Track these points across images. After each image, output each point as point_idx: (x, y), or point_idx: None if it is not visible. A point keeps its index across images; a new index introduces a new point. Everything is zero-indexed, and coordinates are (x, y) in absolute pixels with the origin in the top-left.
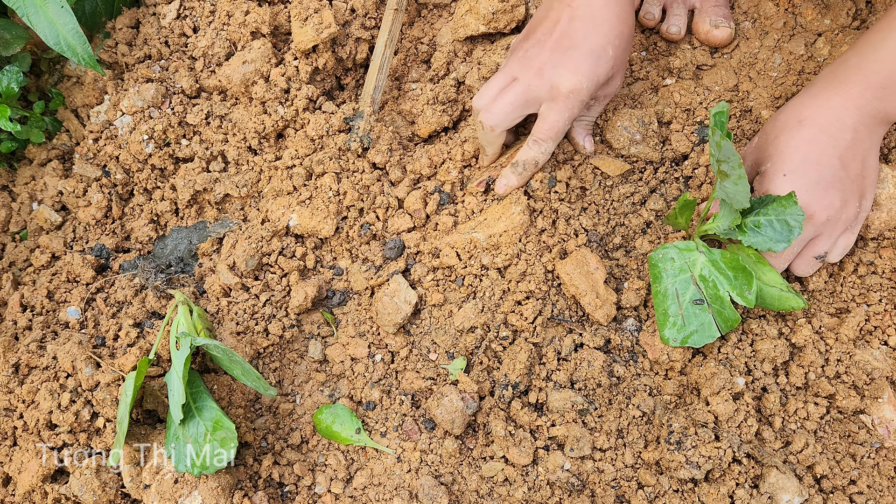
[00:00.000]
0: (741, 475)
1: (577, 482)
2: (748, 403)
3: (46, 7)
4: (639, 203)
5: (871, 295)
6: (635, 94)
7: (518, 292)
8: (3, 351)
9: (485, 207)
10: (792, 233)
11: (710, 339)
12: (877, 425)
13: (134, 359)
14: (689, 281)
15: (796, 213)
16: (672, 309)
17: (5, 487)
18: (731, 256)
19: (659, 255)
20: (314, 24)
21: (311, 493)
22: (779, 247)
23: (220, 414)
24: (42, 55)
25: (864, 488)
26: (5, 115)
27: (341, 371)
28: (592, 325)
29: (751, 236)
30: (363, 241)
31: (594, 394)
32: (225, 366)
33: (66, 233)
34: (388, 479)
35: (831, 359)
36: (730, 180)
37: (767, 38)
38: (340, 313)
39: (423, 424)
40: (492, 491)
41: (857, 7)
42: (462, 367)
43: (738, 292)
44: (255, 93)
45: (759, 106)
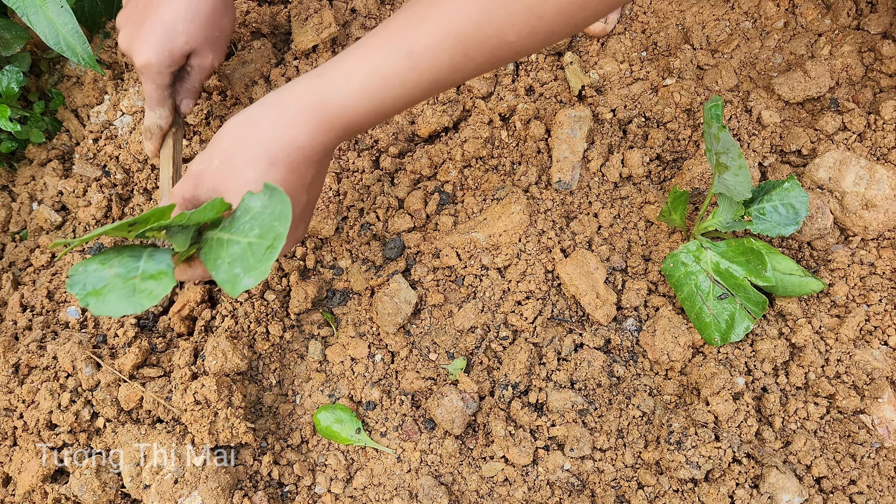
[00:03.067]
0: (741, 475)
1: (577, 482)
2: (748, 403)
3: (46, 7)
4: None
5: (871, 295)
6: (635, 94)
7: (518, 292)
8: (3, 351)
9: (485, 207)
10: (798, 215)
11: (749, 329)
12: (877, 425)
13: (134, 358)
14: (707, 279)
15: (800, 195)
16: (703, 310)
17: (5, 487)
18: (738, 243)
19: (670, 265)
20: (314, 24)
21: (311, 493)
22: (788, 230)
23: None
24: (42, 55)
25: (864, 488)
26: (5, 115)
27: (341, 371)
28: (592, 325)
29: (758, 224)
30: (363, 241)
31: (594, 394)
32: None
33: (66, 233)
34: (388, 479)
35: (831, 359)
36: (730, 172)
37: (768, 38)
38: (340, 313)
39: (423, 424)
40: (492, 491)
41: (858, 7)
42: (462, 367)
43: (755, 276)
44: (255, 93)
45: (760, 106)
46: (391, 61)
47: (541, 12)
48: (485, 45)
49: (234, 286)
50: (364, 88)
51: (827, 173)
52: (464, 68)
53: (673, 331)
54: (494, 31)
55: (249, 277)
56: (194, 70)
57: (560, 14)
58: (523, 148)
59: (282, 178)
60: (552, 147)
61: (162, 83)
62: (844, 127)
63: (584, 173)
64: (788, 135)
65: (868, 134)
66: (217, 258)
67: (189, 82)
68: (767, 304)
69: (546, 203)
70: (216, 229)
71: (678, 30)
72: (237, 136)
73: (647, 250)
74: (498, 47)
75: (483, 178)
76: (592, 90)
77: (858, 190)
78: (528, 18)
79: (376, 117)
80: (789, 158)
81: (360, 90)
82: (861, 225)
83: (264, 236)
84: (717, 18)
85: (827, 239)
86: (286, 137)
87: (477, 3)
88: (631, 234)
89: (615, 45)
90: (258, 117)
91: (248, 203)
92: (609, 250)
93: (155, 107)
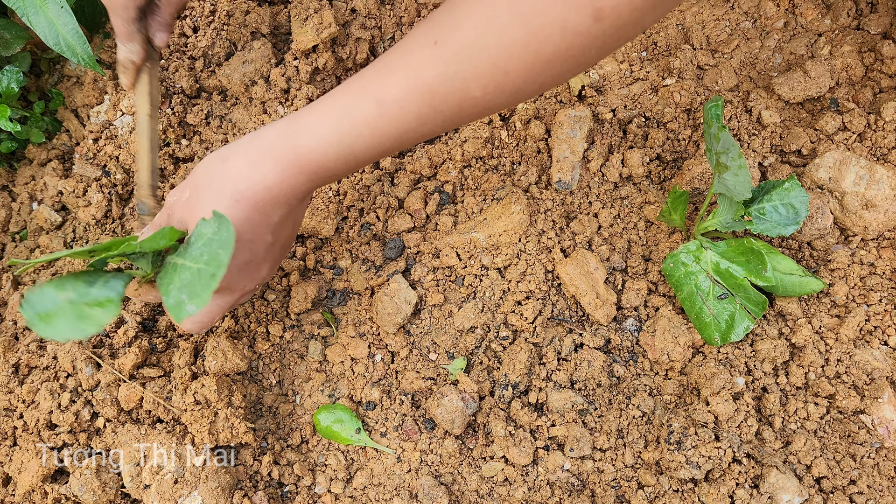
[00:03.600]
0: (741, 475)
1: (577, 482)
2: (748, 403)
3: (46, 7)
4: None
5: (871, 295)
6: (635, 94)
7: (518, 292)
8: (3, 351)
9: (485, 207)
10: (798, 215)
11: (748, 329)
12: (877, 425)
13: (134, 358)
14: (706, 279)
15: (800, 195)
16: (703, 310)
17: (5, 487)
18: (738, 243)
19: (670, 265)
20: (314, 24)
21: (311, 493)
22: (788, 230)
23: None
24: (42, 55)
25: (864, 488)
26: (5, 115)
27: (341, 371)
28: (592, 325)
29: (758, 224)
30: (363, 241)
31: (594, 394)
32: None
33: (66, 233)
34: (388, 479)
35: (831, 359)
36: (730, 172)
37: (768, 38)
38: (340, 313)
39: (423, 424)
40: (492, 491)
41: (858, 7)
42: (462, 367)
43: (755, 276)
44: (255, 93)
45: (760, 106)
46: (362, 108)
47: (506, 69)
48: (451, 99)
49: (179, 312)
50: (334, 133)
51: (827, 173)
52: (432, 121)
53: (673, 331)
54: (460, 85)
55: (192, 304)
56: (163, 3)
57: (526, 72)
58: (523, 148)
59: (245, 215)
60: (552, 147)
61: (128, 17)
62: (844, 127)
63: (584, 173)
64: (788, 135)
65: (868, 134)
66: (170, 283)
67: (160, 15)
68: (767, 304)
69: (546, 203)
70: (174, 254)
71: (678, 30)
72: (208, 171)
73: (647, 250)
74: (464, 101)
75: (483, 178)
76: (592, 90)
77: (858, 190)
78: (493, 74)
79: (346, 164)
80: (789, 158)
81: (329, 134)
82: (861, 225)
83: (210, 263)
84: (717, 18)
85: (827, 239)
86: (254, 176)
87: (444, 57)
88: (631, 234)
89: None
90: (230, 154)
91: (201, 229)
92: (609, 250)
93: (125, 42)
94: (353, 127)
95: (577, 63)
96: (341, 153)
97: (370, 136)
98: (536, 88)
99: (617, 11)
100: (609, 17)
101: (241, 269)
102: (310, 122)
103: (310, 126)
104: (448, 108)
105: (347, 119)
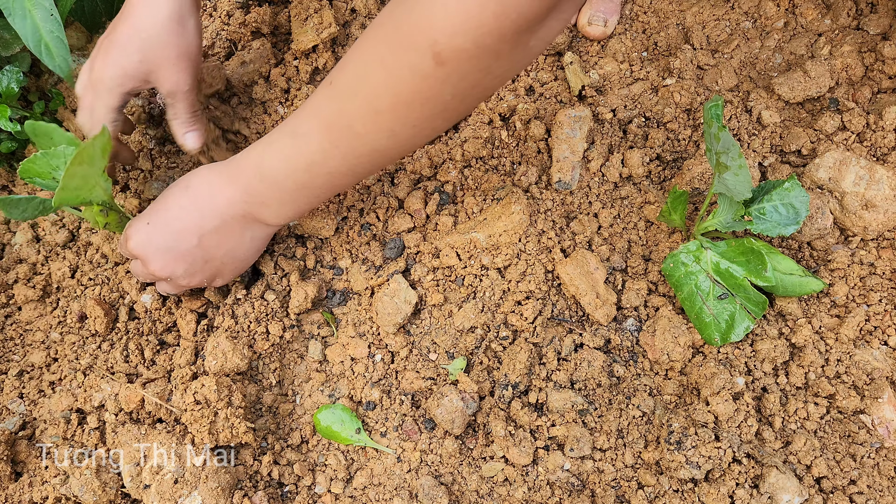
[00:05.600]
0: (741, 475)
1: (577, 482)
2: (748, 403)
3: (34, 12)
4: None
5: (871, 295)
6: (635, 94)
7: (518, 292)
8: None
9: (485, 207)
10: (799, 215)
11: (748, 329)
12: (877, 425)
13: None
14: (706, 279)
15: (800, 195)
16: (703, 310)
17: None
18: (738, 243)
19: (670, 265)
20: (314, 24)
21: (311, 493)
22: (788, 230)
23: None
24: None
25: (864, 488)
26: (5, 115)
27: (341, 371)
28: (592, 325)
29: (758, 224)
30: (363, 241)
31: (594, 394)
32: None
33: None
34: (388, 479)
35: (831, 359)
36: (730, 172)
37: (768, 38)
38: (340, 313)
39: (423, 424)
40: (492, 491)
41: (858, 7)
42: (462, 367)
43: (755, 276)
44: (255, 93)
45: (760, 106)
46: (281, 138)
47: (377, 108)
48: (344, 135)
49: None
50: (260, 156)
51: (827, 173)
52: (332, 156)
53: (673, 331)
54: (347, 121)
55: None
56: (175, 99)
57: (393, 112)
58: (523, 148)
59: (184, 203)
60: (552, 147)
61: (112, 105)
62: (844, 127)
63: (584, 173)
64: (788, 135)
65: (868, 134)
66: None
67: (177, 116)
68: (767, 304)
69: (546, 203)
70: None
71: (678, 30)
72: (178, 183)
73: (647, 250)
74: (353, 139)
75: (483, 178)
76: (592, 90)
77: (858, 190)
78: (367, 112)
79: (271, 190)
80: (789, 158)
81: (257, 157)
82: (861, 225)
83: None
84: (717, 18)
85: (827, 239)
86: (204, 175)
87: (335, 95)
88: (631, 234)
89: (615, 45)
90: (192, 174)
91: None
92: (609, 250)
93: (100, 121)
94: (272, 154)
95: (437, 106)
96: (264, 177)
97: (285, 163)
98: (415, 132)
99: (456, 57)
100: (450, 62)
101: (162, 251)
102: (256, 145)
103: (250, 148)
104: (344, 145)
105: (269, 146)
